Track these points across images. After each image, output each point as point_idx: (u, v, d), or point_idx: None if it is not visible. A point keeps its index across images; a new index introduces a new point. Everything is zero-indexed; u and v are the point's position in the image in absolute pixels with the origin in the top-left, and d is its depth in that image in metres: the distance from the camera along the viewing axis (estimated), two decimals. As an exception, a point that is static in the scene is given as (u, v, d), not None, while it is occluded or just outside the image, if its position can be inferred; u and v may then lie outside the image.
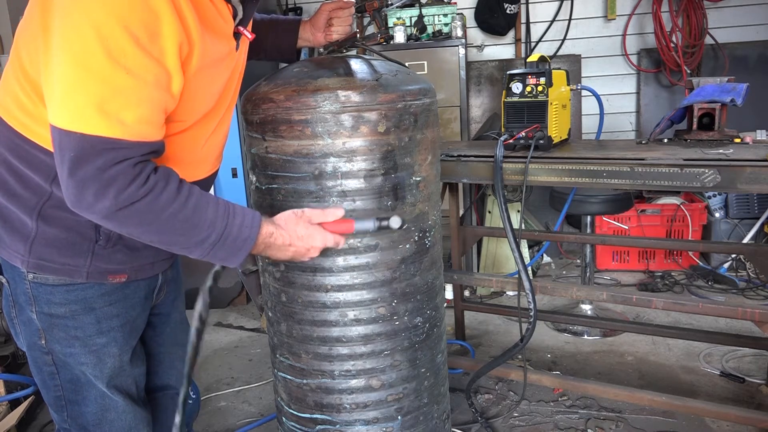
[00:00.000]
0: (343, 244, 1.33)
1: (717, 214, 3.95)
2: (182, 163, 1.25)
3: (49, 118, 1.05)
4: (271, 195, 1.55)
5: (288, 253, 1.27)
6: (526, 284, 2.06)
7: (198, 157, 1.32)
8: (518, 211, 3.64)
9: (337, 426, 1.64)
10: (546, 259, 4.28)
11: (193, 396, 2.36)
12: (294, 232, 1.25)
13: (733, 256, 3.81)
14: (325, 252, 1.44)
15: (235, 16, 1.26)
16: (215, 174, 1.44)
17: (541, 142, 2.13)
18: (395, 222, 1.29)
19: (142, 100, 1.05)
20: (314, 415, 1.66)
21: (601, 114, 2.79)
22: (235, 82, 1.37)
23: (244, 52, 1.37)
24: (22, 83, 1.14)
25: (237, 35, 1.28)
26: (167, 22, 1.04)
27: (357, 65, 1.54)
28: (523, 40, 4.38)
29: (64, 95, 1.02)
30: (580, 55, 4.30)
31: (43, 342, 1.29)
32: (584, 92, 4.04)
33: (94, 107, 1.01)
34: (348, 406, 1.62)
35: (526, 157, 2.09)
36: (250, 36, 1.31)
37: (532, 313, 2.06)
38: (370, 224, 1.30)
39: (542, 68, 2.20)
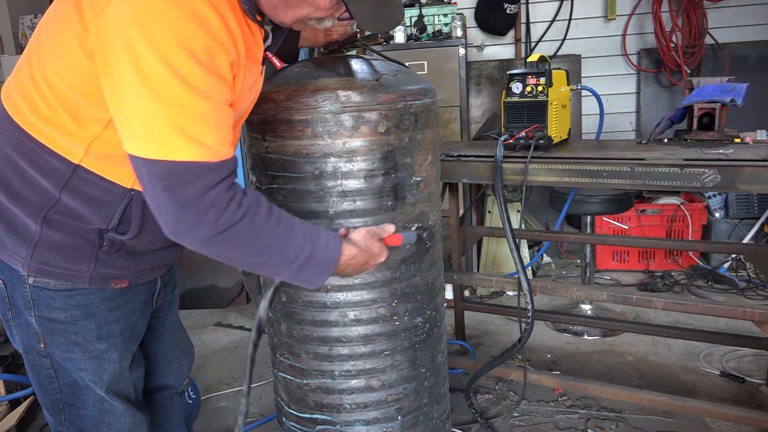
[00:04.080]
0: None
1: (717, 214, 3.95)
2: None
3: (128, 149, 1.05)
4: (271, 195, 1.55)
5: (360, 269, 1.29)
6: (525, 285, 2.07)
7: None
8: (518, 211, 3.64)
9: (337, 426, 1.64)
10: (546, 259, 4.28)
11: (193, 396, 2.37)
12: (371, 251, 1.29)
13: (733, 256, 3.81)
14: None
15: (264, 40, 1.26)
16: None
17: (541, 142, 2.13)
18: (430, 236, 1.42)
19: (218, 121, 1.07)
20: (314, 416, 1.66)
21: (601, 114, 2.79)
22: (252, 105, 1.38)
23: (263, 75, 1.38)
24: (43, 92, 1.12)
25: (263, 60, 1.29)
26: (222, 42, 1.06)
27: (357, 65, 1.54)
28: (523, 40, 4.38)
29: (145, 126, 1.02)
30: (580, 55, 4.30)
31: (42, 346, 1.28)
32: (584, 92, 4.04)
33: (179, 134, 1.02)
34: (348, 407, 1.62)
35: (526, 157, 2.09)
36: (279, 64, 1.34)
37: (529, 314, 2.06)
38: (412, 237, 1.39)
39: (542, 68, 2.20)
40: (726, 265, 3.84)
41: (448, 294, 3.09)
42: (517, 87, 2.20)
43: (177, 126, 1.01)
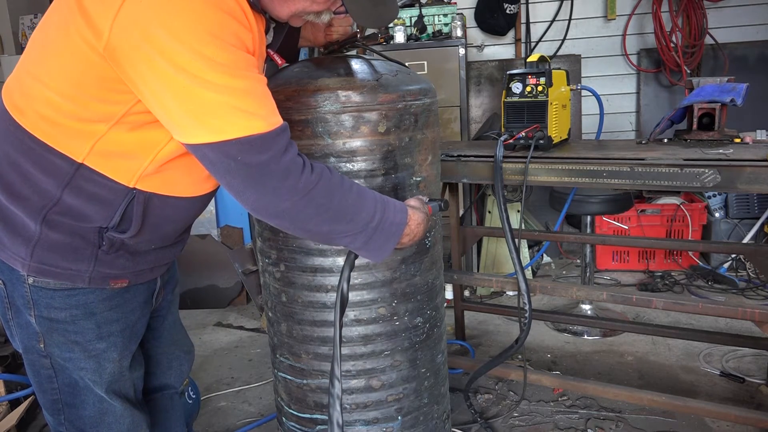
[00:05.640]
0: None
1: (717, 214, 3.95)
2: (194, 180, 1.27)
3: (187, 141, 1.08)
4: (271, 195, 1.55)
5: (419, 237, 1.32)
6: (522, 285, 2.06)
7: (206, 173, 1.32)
8: (518, 211, 3.64)
9: (337, 426, 1.64)
10: (546, 259, 4.28)
11: (193, 396, 2.37)
12: (428, 216, 1.35)
13: (733, 256, 3.81)
14: (325, 252, 1.47)
15: (265, 33, 1.28)
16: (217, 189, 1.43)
17: (541, 142, 2.13)
18: (446, 206, 1.46)
19: (262, 91, 1.12)
20: (314, 416, 1.66)
21: (601, 114, 2.79)
22: None
23: None
24: (45, 93, 1.12)
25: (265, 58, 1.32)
26: (243, 22, 1.09)
27: (357, 65, 1.54)
28: (523, 40, 4.38)
29: (200, 114, 1.05)
30: (580, 55, 4.30)
31: (42, 346, 1.28)
32: (584, 92, 4.04)
33: (236, 111, 1.06)
34: (348, 407, 1.62)
35: (526, 157, 2.09)
36: (280, 62, 1.38)
37: (527, 314, 2.05)
38: (436, 207, 1.43)
39: (542, 68, 2.20)
40: (726, 265, 3.84)
41: (448, 294, 3.10)
42: (517, 87, 2.20)
43: (231, 106, 1.05)
